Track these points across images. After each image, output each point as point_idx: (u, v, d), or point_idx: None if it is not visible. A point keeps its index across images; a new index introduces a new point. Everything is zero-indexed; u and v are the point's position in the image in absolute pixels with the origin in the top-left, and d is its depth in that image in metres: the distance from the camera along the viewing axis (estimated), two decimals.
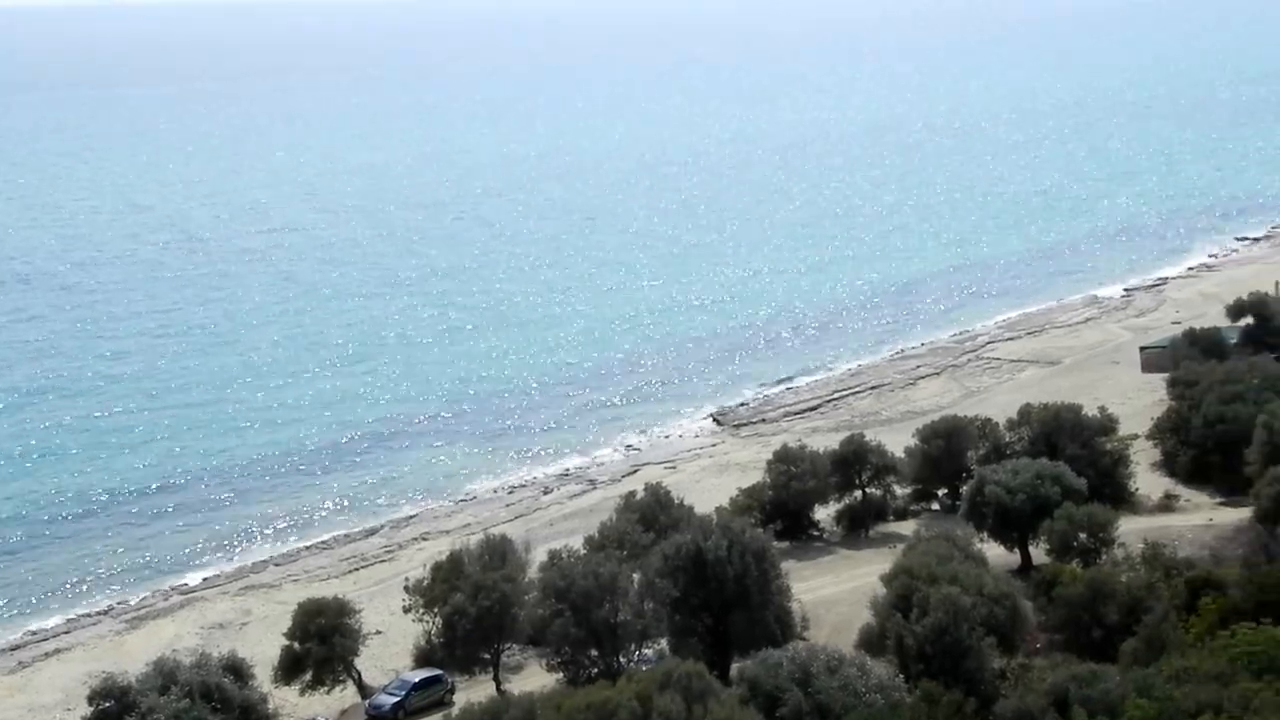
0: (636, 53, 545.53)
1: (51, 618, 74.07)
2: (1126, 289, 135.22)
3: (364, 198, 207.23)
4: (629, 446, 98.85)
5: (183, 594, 76.30)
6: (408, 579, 61.38)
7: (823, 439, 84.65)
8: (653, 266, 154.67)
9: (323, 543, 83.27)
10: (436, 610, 56.65)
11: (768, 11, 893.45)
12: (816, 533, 73.08)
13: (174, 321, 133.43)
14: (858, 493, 74.06)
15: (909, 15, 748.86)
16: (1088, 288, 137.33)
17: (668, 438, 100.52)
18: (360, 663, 59.24)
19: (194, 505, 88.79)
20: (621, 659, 51.24)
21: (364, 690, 58.71)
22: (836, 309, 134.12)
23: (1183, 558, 57.40)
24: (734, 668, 49.02)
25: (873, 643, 48.46)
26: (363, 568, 78.35)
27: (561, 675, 51.89)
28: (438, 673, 56.91)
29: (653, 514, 62.82)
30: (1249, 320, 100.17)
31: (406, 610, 58.56)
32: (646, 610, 51.56)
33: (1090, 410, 74.76)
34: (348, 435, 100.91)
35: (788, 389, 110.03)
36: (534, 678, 54.86)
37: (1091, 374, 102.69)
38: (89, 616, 73.94)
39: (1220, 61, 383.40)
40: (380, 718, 55.59)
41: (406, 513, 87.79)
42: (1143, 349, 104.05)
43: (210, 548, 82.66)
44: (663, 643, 52.74)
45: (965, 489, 66.51)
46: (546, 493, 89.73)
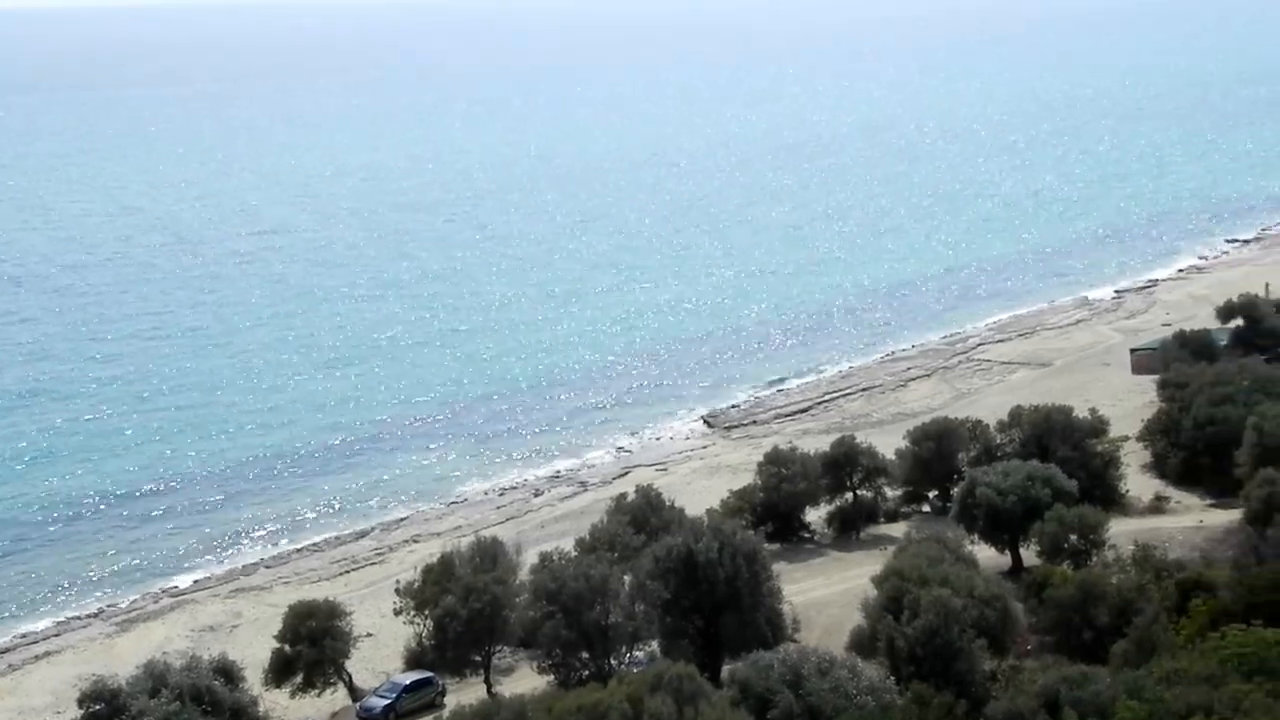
0: (636, 53, 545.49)
1: (41, 620, 73.85)
2: (1117, 291, 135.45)
3: (358, 199, 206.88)
4: (620, 448, 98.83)
5: (173, 596, 76.18)
6: (398, 581, 61.19)
7: (814, 441, 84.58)
8: (644, 268, 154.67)
9: (314, 545, 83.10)
10: (427, 612, 56.49)
11: (767, 11, 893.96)
12: (807, 535, 72.96)
13: (165, 324, 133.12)
14: (849, 495, 73.94)
15: (909, 16, 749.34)
16: (1079, 289, 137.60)
17: (659, 440, 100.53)
18: (351, 665, 59.14)
19: (185, 507, 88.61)
20: (612, 661, 51.16)
21: (355, 693, 58.61)
22: (828, 311, 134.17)
23: (1173, 559, 57.24)
24: (725, 670, 48.93)
25: (864, 645, 48.45)
26: (354, 570, 78.22)
27: (552, 677, 51.75)
28: (429, 675, 56.75)
29: (644, 516, 62.71)
30: (1239, 322, 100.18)
31: (397, 612, 58.42)
32: (637, 612, 51.48)
33: (1081, 412, 74.68)
34: (339, 437, 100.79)
35: (779, 391, 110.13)
36: (525, 680, 54.74)
37: (1082, 376, 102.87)
38: (79, 619, 73.72)
39: (1217, 62, 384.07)
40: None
41: (397, 515, 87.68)
42: (1133, 351, 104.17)
43: (201, 550, 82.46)
44: (654, 645, 52.64)
45: (956, 491, 66.41)
46: (537, 495, 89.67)
